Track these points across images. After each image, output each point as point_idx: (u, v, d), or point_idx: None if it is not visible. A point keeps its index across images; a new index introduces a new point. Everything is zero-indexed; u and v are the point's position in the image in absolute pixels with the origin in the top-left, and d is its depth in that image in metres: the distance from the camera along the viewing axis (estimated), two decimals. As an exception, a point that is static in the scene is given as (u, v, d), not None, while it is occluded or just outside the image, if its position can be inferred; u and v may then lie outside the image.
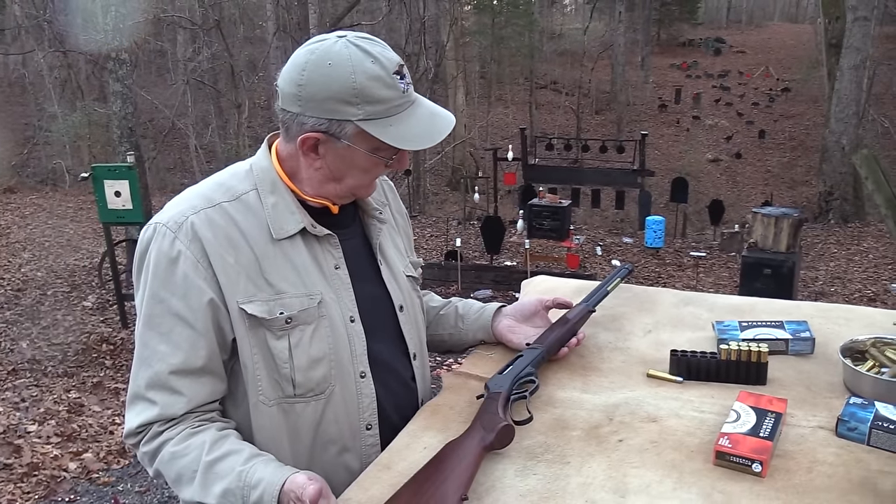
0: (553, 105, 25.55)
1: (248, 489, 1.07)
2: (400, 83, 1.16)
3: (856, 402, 1.17)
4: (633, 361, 1.41)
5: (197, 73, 16.16)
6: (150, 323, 1.17)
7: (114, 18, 7.93)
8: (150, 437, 1.17)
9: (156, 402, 1.16)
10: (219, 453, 1.12)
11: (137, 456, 1.21)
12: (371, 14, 18.98)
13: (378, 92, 1.14)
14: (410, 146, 1.16)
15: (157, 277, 1.17)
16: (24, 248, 9.90)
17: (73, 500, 3.80)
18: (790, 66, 28.54)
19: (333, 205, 1.27)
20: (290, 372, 1.19)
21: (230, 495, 1.08)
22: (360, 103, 1.13)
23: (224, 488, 1.09)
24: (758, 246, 5.40)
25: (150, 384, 1.17)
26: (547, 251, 8.95)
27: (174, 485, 1.16)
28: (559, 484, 1.07)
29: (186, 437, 1.15)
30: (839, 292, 8.24)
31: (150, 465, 1.19)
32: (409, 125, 1.17)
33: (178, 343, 1.16)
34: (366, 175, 1.22)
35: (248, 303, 1.17)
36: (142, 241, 1.20)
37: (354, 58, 1.14)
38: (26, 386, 5.29)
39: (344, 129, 1.15)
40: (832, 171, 12.82)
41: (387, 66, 1.15)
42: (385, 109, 1.15)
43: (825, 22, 14.32)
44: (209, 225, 1.18)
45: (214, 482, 1.10)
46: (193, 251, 1.16)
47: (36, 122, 18.26)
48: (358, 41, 1.16)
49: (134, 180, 6.19)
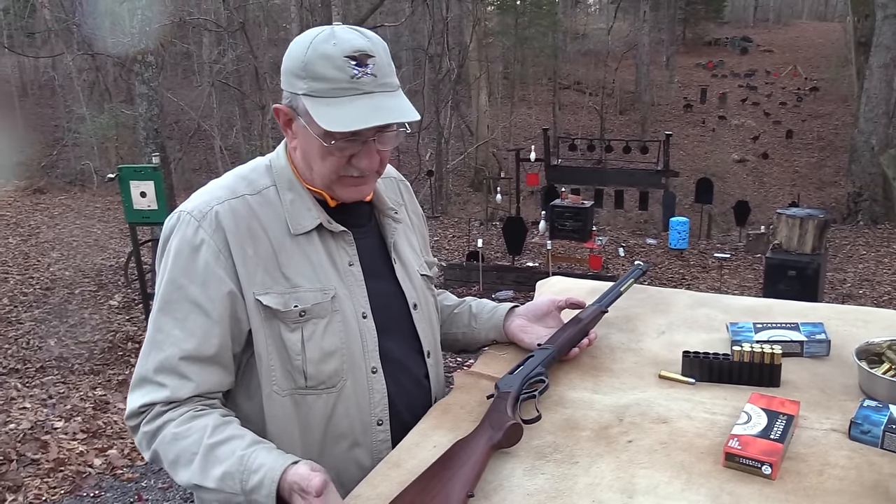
0: (577, 105, 25.44)
1: (248, 473, 1.07)
2: (353, 69, 1.15)
3: (870, 404, 1.16)
4: (646, 362, 1.41)
5: (222, 75, 16.33)
6: (167, 308, 1.19)
7: (140, 21, 8.06)
8: (151, 416, 1.17)
9: (164, 384, 1.17)
10: (221, 437, 1.13)
11: (135, 438, 1.20)
12: (394, 15, 19.04)
13: (323, 70, 1.15)
14: (329, 126, 1.13)
15: (178, 264, 1.19)
16: (53, 248, 10.08)
17: (98, 495, 3.86)
18: (818, 64, 28.17)
19: (331, 198, 1.29)
20: (303, 364, 1.20)
21: (229, 479, 1.08)
22: (305, 77, 1.16)
23: (223, 471, 1.09)
24: (782, 247, 5.34)
25: (159, 367, 1.18)
26: (569, 252, 8.91)
27: (171, 467, 1.16)
28: (567, 484, 1.07)
29: (189, 419, 1.15)
30: (867, 294, 8.12)
31: (147, 447, 1.18)
32: (344, 109, 1.14)
33: (193, 330, 1.17)
34: (324, 162, 1.21)
35: (265, 294, 1.19)
36: (166, 228, 1.23)
37: (318, 37, 1.17)
38: (54, 383, 5.39)
39: (298, 104, 1.19)
40: (861, 172, 12.62)
41: (343, 48, 1.15)
42: (327, 89, 1.15)
43: (854, 20, 14.11)
44: (232, 215, 1.20)
45: (214, 465, 1.10)
46: (216, 240, 1.18)
47: (65, 124, 18.57)
48: (340, 27, 1.19)
49: (159, 181, 6.27)
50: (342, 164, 1.21)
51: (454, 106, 18.09)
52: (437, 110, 16.60)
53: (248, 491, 1.06)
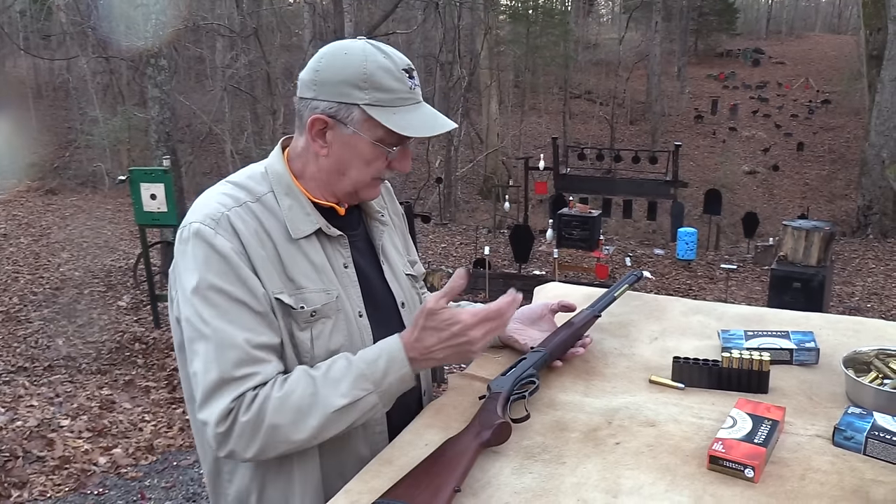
0: (587, 115, 25.48)
1: (371, 364, 1.17)
2: (408, 81, 1.25)
3: (854, 411, 1.18)
4: (637, 368, 1.43)
5: (234, 80, 16.44)
6: (216, 313, 1.17)
7: (154, 25, 8.14)
8: (246, 405, 1.15)
9: (254, 373, 1.16)
10: (323, 368, 1.19)
11: (230, 443, 1.16)
12: (406, 23, 19.14)
13: (386, 81, 1.22)
14: (410, 133, 1.22)
15: (211, 270, 1.19)
16: (64, 248, 10.17)
17: (102, 493, 3.90)
18: (831, 77, 28.11)
19: (339, 205, 1.33)
20: (311, 361, 1.24)
21: (359, 381, 1.17)
22: (368, 88, 1.22)
23: (350, 381, 1.16)
24: (788, 259, 5.34)
25: (238, 363, 1.16)
26: (576, 261, 8.93)
27: (294, 424, 1.15)
28: (553, 483, 1.09)
29: (282, 383, 1.17)
30: (876, 308, 8.09)
31: (252, 438, 1.15)
32: (412, 116, 1.24)
33: (249, 325, 1.19)
34: (367, 168, 1.28)
35: (280, 294, 1.23)
36: (181, 241, 1.23)
37: (368, 50, 1.24)
38: (61, 382, 5.44)
39: (351, 114, 1.23)
40: (871, 185, 12.59)
41: (397, 62, 1.25)
42: (391, 99, 1.23)
43: (866, 33, 14.10)
44: (242, 220, 1.23)
45: (336, 385, 1.16)
46: (235, 244, 1.21)
47: (78, 126, 18.73)
48: (374, 41, 1.26)
49: (169, 183, 6.34)
50: (384, 167, 1.29)
51: (464, 113, 18.15)
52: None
53: (381, 378, 1.17)
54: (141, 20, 8.41)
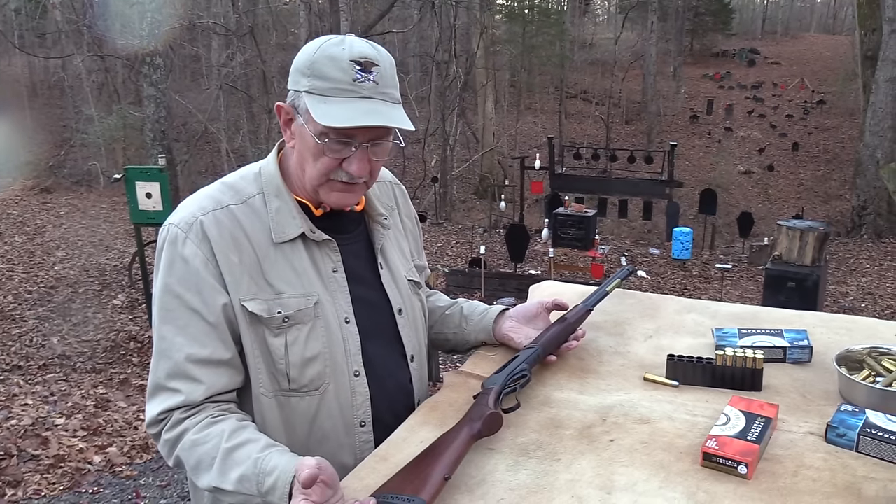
0: (583, 114, 25.51)
1: (263, 475, 1.10)
2: (356, 73, 1.18)
3: (847, 409, 1.18)
4: (632, 365, 1.44)
5: (230, 79, 16.42)
6: (167, 317, 1.22)
7: (150, 24, 8.13)
8: (171, 424, 1.21)
9: (178, 389, 1.20)
10: (237, 441, 1.16)
11: (158, 446, 1.24)
12: (402, 22, 19.14)
13: (327, 69, 1.18)
14: (327, 122, 1.15)
15: (173, 275, 1.22)
16: (58, 247, 10.14)
17: (97, 492, 3.89)
18: (826, 78, 28.16)
19: (316, 207, 1.31)
20: (286, 368, 1.24)
21: (246, 481, 1.11)
22: (310, 75, 1.20)
23: (240, 474, 1.12)
24: (782, 259, 5.36)
25: (170, 374, 1.21)
26: (572, 261, 8.94)
27: (193, 472, 1.19)
28: (547, 479, 1.10)
29: (207, 425, 1.19)
30: (870, 308, 8.12)
31: (170, 454, 1.22)
32: (342, 108, 1.17)
33: (195, 335, 1.21)
34: (316, 164, 1.22)
35: (250, 300, 1.23)
36: (159, 241, 1.27)
37: (330, 41, 1.22)
38: (56, 380, 5.43)
39: (300, 102, 1.22)
40: (866, 186, 12.63)
41: (351, 52, 1.19)
42: (327, 88, 1.18)
43: (861, 34, 14.14)
44: (216, 225, 1.24)
45: (232, 468, 1.13)
46: (203, 250, 1.22)
47: (73, 125, 18.70)
48: (354, 38, 1.23)
49: (164, 182, 6.32)
50: (334, 166, 1.22)
51: (460, 113, 18.16)
52: (443, 117, 16.67)
53: (264, 493, 1.09)
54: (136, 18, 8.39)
